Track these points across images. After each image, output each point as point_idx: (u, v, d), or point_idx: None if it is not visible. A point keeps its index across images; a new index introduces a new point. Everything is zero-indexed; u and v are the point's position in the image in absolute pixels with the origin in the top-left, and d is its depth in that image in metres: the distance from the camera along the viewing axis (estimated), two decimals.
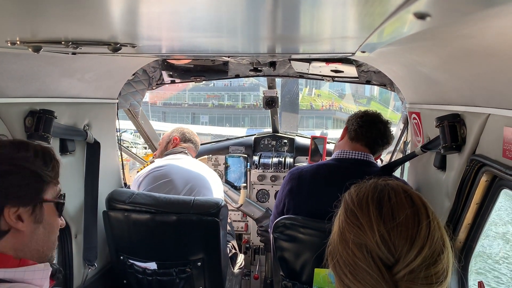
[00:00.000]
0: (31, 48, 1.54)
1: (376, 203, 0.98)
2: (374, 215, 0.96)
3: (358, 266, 0.94)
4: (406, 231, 0.93)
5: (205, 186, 3.11)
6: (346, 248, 0.98)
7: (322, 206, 2.26)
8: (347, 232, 0.99)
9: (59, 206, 1.45)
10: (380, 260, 0.93)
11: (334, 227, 1.08)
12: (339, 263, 1.00)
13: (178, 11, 1.06)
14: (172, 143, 3.47)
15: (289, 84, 6.01)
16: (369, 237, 0.94)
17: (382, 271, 0.92)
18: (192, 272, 2.63)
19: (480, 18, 0.94)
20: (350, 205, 1.03)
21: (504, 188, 1.77)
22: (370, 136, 2.45)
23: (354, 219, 0.99)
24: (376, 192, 1.01)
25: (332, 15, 1.08)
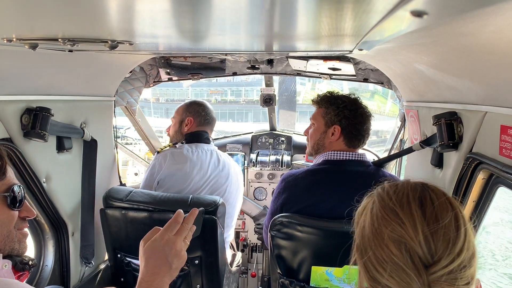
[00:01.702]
0: (28, 45, 1.53)
1: (418, 203, 1.01)
2: (418, 214, 0.99)
3: (394, 262, 0.97)
4: (448, 234, 0.96)
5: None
6: (381, 244, 1.00)
7: (323, 211, 2.26)
8: (384, 228, 1.01)
9: (11, 199, 1.43)
10: (419, 259, 0.95)
11: (361, 223, 1.10)
12: (371, 258, 1.02)
13: (175, 8, 1.06)
14: (188, 123, 3.11)
15: (286, 82, 6.01)
16: (412, 235, 0.97)
17: (420, 270, 0.95)
18: (189, 270, 2.63)
19: (477, 16, 0.95)
20: (387, 202, 1.04)
21: (501, 186, 1.78)
22: (364, 138, 2.43)
23: (394, 216, 1.01)
24: (417, 192, 1.04)
25: (330, 13, 1.08)
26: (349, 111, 2.39)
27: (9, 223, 1.43)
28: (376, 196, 1.10)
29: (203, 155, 2.98)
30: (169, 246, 1.37)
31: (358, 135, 2.39)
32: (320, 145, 2.45)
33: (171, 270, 1.36)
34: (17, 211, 1.45)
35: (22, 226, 1.49)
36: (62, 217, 2.44)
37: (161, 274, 1.34)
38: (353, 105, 2.42)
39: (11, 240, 1.43)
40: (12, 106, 2.01)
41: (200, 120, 3.12)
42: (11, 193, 1.43)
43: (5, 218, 1.42)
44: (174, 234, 1.40)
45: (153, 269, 1.33)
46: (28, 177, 2.19)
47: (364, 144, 2.45)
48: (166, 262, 1.36)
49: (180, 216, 1.44)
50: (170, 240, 1.38)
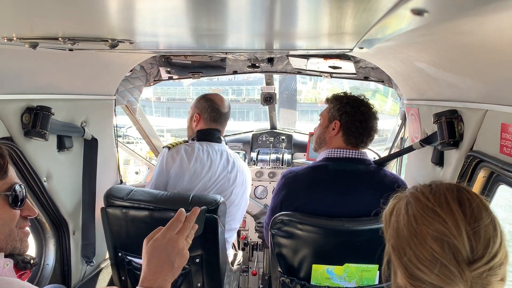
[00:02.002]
0: (28, 45, 1.53)
1: (457, 203, 1.05)
2: (459, 214, 1.03)
3: (437, 260, 1.01)
4: (488, 233, 1.02)
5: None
6: (422, 243, 1.03)
7: (322, 208, 2.26)
8: (425, 227, 1.04)
9: (11, 198, 1.44)
10: (462, 256, 1.00)
11: (393, 223, 1.14)
12: (411, 257, 1.05)
13: (176, 7, 1.06)
14: (196, 120, 3.02)
15: (287, 80, 6.00)
16: (455, 234, 1.01)
17: (463, 266, 0.99)
18: (190, 269, 2.63)
19: (477, 14, 0.95)
20: (425, 202, 1.07)
21: (501, 184, 1.78)
22: (364, 138, 2.40)
23: (434, 215, 1.04)
24: (454, 193, 1.07)
25: (330, 11, 1.08)
26: (351, 107, 2.39)
27: (10, 222, 1.44)
28: (410, 196, 1.12)
29: (214, 155, 2.94)
30: (171, 245, 1.38)
31: (356, 132, 2.37)
32: (321, 139, 2.48)
33: (174, 269, 1.37)
34: (18, 210, 1.46)
35: (23, 225, 1.49)
36: (63, 216, 2.44)
37: (163, 273, 1.35)
38: (356, 102, 2.42)
39: (13, 239, 1.44)
40: (13, 105, 2.01)
41: (207, 116, 2.99)
42: (13, 192, 1.43)
43: (7, 217, 1.43)
44: (176, 233, 1.40)
45: (155, 268, 1.34)
46: (29, 176, 2.19)
47: (366, 143, 2.41)
48: (168, 260, 1.36)
49: (182, 215, 1.44)
50: (172, 238, 1.39)
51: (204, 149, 2.93)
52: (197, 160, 2.88)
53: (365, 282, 2.26)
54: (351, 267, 2.23)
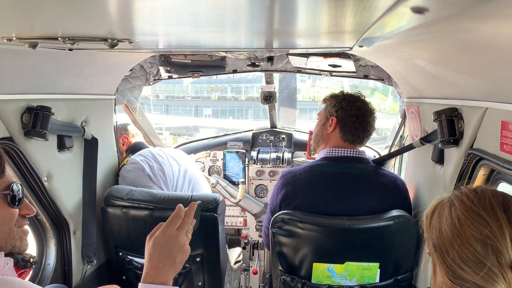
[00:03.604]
0: (28, 44, 1.53)
1: (502, 208, 1.08)
2: (504, 219, 1.06)
3: (480, 261, 1.05)
4: None
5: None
6: (466, 244, 1.07)
7: (321, 207, 2.27)
8: (469, 229, 1.08)
9: (11, 197, 1.44)
10: (504, 259, 1.04)
11: (435, 224, 1.17)
12: (455, 258, 1.08)
13: (175, 6, 1.06)
14: (124, 143, 3.30)
15: (287, 79, 5.99)
16: (499, 238, 1.05)
17: (506, 269, 1.03)
18: (191, 268, 2.64)
19: (477, 12, 0.94)
20: (470, 205, 1.11)
21: (502, 182, 1.78)
22: (361, 133, 2.41)
23: (479, 218, 1.08)
24: (499, 198, 1.11)
25: (330, 9, 1.08)
26: (347, 102, 2.41)
27: (10, 221, 1.44)
28: (454, 199, 1.15)
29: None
30: (172, 240, 1.39)
31: (352, 127, 2.38)
32: (319, 136, 2.50)
33: (175, 264, 1.38)
34: (17, 208, 1.47)
35: (22, 223, 1.50)
36: (63, 215, 2.44)
37: (165, 268, 1.36)
38: (352, 97, 2.45)
39: (12, 238, 1.45)
40: (13, 105, 2.01)
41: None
42: (11, 191, 1.44)
43: (6, 216, 1.43)
44: (176, 229, 1.41)
45: (157, 264, 1.35)
46: (29, 176, 2.19)
47: (363, 139, 2.43)
48: (170, 256, 1.38)
49: (181, 210, 1.47)
50: (172, 234, 1.40)
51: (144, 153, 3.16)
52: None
53: (365, 280, 2.26)
54: (352, 265, 2.23)
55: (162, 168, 3.00)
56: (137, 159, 3.01)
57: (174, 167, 3.08)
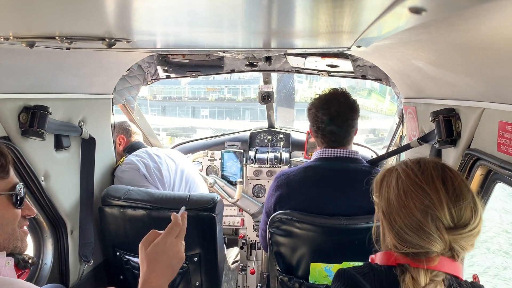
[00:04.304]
0: (25, 44, 1.53)
1: (441, 181, 1.24)
2: (443, 191, 1.23)
3: (422, 229, 1.21)
4: (468, 207, 1.22)
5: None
6: (410, 214, 1.24)
7: (315, 208, 2.26)
8: (412, 200, 1.25)
9: (15, 198, 1.46)
10: (442, 224, 1.21)
11: (384, 193, 1.33)
12: (401, 225, 1.25)
13: (173, 5, 1.05)
14: (121, 143, 3.27)
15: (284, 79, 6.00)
16: (438, 208, 1.21)
17: (443, 232, 1.20)
18: (188, 268, 2.63)
19: (475, 13, 0.95)
20: (414, 179, 1.27)
21: (499, 182, 1.78)
22: (343, 136, 2.34)
23: (422, 191, 1.24)
24: (439, 172, 1.27)
25: (328, 10, 1.08)
26: (316, 110, 2.37)
27: (14, 221, 1.46)
28: (401, 171, 1.31)
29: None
30: (172, 249, 1.43)
31: (327, 135, 2.33)
32: (311, 142, 2.51)
33: (173, 271, 1.43)
34: (20, 209, 1.48)
35: (23, 224, 1.51)
36: (60, 215, 2.44)
37: (165, 275, 1.40)
38: (321, 102, 2.38)
39: (15, 238, 1.46)
40: (10, 104, 2.01)
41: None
42: (15, 191, 1.45)
43: (10, 217, 1.45)
44: (175, 237, 1.45)
45: (157, 272, 1.38)
46: (27, 176, 2.18)
47: (348, 139, 2.36)
48: (170, 264, 1.41)
49: (178, 218, 1.49)
50: (172, 242, 1.44)
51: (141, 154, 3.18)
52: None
53: None
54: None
55: (159, 167, 2.99)
56: (133, 159, 3.01)
57: (171, 167, 3.07)
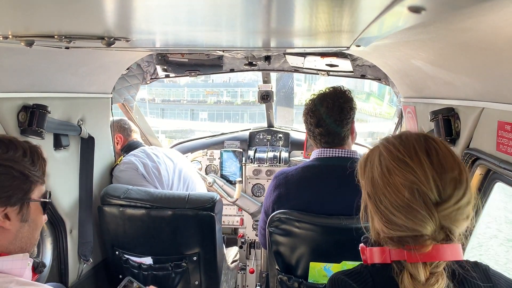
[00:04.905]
0: (24, 42, 1.52)
1: (425, 153, 1.16)
2: (426, 163, 1.14)
3: (409, 206, 1.12)
4: (454, 178, 1.13)
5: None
6: (395, 191, 1.14)
7: (313, 207, 2.26)
8: (396, 177, 1.15)
9: (45, 204, 1.49)
10: (430, 200, 1.11)
11: (368, 174, 1.24)
12: (386, 204, 1.16)
13: (172, 4, 1.05)
14: (118, 142, 3.26)
15: (284, 78, 5.99)
16: (423, 181, 1.12)
17: (431, 209, 1.11)
18: (188, 267, 2.63)
19: (474, 12, 0.95)
20: (397, 154, 1.18)
21: (498, 182, 1.78)
22: (338, 137, 2.32)
23: (405, 165, 1.15)
24: (422, 143, 1.18)
25: (327, 9, 1.08)
26: (308, 111, 2.36)
27: (41, 227, 1.51)
28: (382, 148, 1.22)
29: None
30: None
31: (318, 137, 2.32)
32: (309, 144, 2.50)
33: None
34: (45, 215, 1.52)
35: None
36: (59, 214, 2.44)
37: None
38: (308, 107, 2.37)
39: (36, 243, 1.50)
40: (9, 103, 2.01)
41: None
42: (47, 197, 1.50)
43: (41, 223, 1.50)
44: None
45: None
46: None
47: (342, 139, 2.33)
48: None
49: None
50: None
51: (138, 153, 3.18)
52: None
53: None
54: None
55: (157, 166, 2.99)
56: (131, 158, 3.01)
57: (169, 166, 3.07)
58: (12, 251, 1.38)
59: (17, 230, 1.39)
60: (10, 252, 1.37)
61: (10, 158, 1.37)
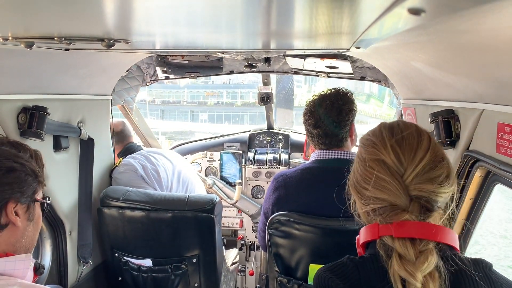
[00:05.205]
0: (24, 44, 1.52)
1: (389, 129, 1.25)
2: (387, 136, 1.22)
3: (377, 177, 1.18)
4: (411, 144, 1.19)
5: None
6: (365, 166, 1.23)
7: (313, 209, 2.26)
8: (365, 154, 1.24)
9: (45, 206, 1.53)
10: (394, 170, 1.17)
11: (352, 166, 1.32)
12: (360, 182, 1.24)
13: (172, 6, 1.05)
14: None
15: (284, 80, 6.00)
16: (383, 152, 1.20)
17: (397, 177, 1.16)
18: (187, 269, 2.63)
19: (474, 14, 0.94)
20: (365, 137, 1.29)
21: (498, 183, 1.78)
22: (336, 138, 2.31)
23: (370, 143, 1.25)
24: (387, 123, 1.28)
25: (327, 11, 1.08)
26: (307, 111, 2.36)
27: (40, 227, 1.55)
28: (360, 142, 1.33)
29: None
30: None
31: (317, 138, 2.33)
32: (309, 145, 2.50)
33: None
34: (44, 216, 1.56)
35: None
36: (59, 216, 2.43)
37: None
38: (307, 108, 2.37)
39: (35, 243, 1.53)
40: (9, 105, 2.00)
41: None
42: (47, 200, 1.53)
43: (40, 225, 1.53)
44: None
45: None
46: None
47: (340, 140, 2.32)
48: None
49: None
50: None
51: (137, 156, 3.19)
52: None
53: None
54: None
55: (156, 168, 2.99)
56: (130, 160, 3.01)
57: (168, 168, 3.07)
58: (17, 249, 1.41)
59: (24, 228, 1.42)
60: (15, 251, 1.40)
61: (23, 157, 1.43)
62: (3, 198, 1.35)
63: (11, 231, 1.39)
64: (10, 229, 1.38)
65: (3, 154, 1.38)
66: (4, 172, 1.36)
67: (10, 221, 1.37)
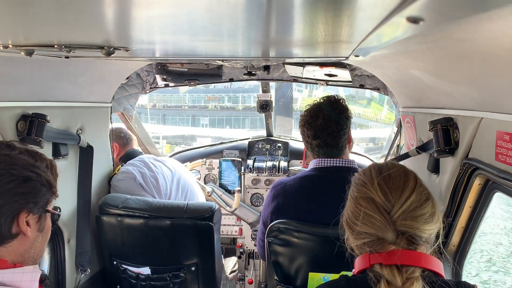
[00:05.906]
0: (24, 52, 1.53)
1: (378, 169, 1.34)
2: (376, 177, 1.30)
3: (366, 214, 1.26)
4: (398, 183, 1.28)
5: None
6: (356, 204, 1.31)
7: (311, 218, 2.26)
8: (356, 193, 1.33)
9: (56, 217, 1.53)
10: (382, 207, 1.25)
11: (346, 203, 1.39)
12: (350, 217, 1.32)
13: (172, 14, 1.06)
14: (114, 151, 3.21)
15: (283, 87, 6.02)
16: (372, 190, 1.28)
17: (384, 214, 1.23)
18: (186, 277, 2.61)
19: (472, 22, 0.95)
20: (357, 176, 1.38)
21: (497, 192, 1.78)
22: (335, 147, 2.31)
23: (361, 181, 1.33)
24: (377, 165, 1.37)
25: (326, 19, 1.09)
26: (304, 123, 2.36)
27: (48, 239, 1.52)
28: (352, 182, 1.40)
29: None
30: None
31: (315, 148, 2.32)
32: (308, 154, 2.50)
33: None
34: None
35: None
36: (57, 224, 2.42)
37: None
38: (304, 119, 2.37)
39: (42, 255, 1.51)
40: (8, 112, 2.00)
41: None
42: (57, 211, 1.54)
43: (49, 236, 1.51)
44: None
45: None
46: None
47: (339, 150, 2.33)
48: None
49: None
50: None
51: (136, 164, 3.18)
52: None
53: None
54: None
55: (155, 176, 2.99)
56: (129, 168, 3.00)
57: (167, 175, 3.06)
58: (25, 260, 1.39)
59: (34, 239, 1.41)
60: (23, 262, 1.38)
61: (39, 167, 1.42)
62: (17, 208, 1.34)
63: (21, 241, 1.38)
64: (20, 239, 1.37)
65: (20, 163, 1.37)
66: (20, 181, 1.35)
67: (21, 231, 1.36)
